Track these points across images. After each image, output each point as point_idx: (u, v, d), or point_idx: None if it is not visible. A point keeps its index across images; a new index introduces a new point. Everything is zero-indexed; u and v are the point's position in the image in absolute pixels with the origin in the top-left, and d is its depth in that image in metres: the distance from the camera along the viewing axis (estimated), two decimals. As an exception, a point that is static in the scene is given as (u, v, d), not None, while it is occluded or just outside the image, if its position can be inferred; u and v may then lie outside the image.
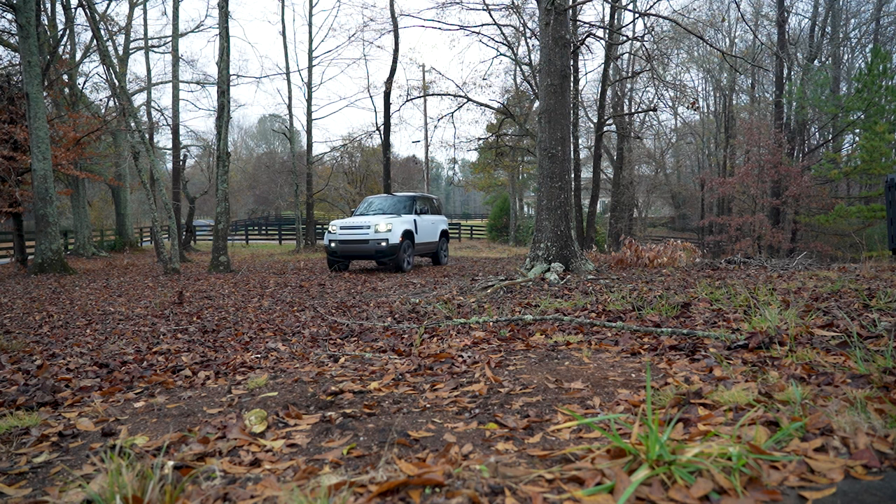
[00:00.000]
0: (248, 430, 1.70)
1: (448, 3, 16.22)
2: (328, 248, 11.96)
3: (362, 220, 11.98)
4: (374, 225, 11.53)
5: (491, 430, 1.59)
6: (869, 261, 7.07)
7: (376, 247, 11.43)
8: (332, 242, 11.82)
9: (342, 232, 11.76)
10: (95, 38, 13.17)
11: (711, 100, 32.91)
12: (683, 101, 20.77)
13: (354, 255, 11.84)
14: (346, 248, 11.72)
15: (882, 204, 18.18)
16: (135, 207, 31.16)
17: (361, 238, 11.54)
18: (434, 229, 13.62)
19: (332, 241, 11.84)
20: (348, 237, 11.67)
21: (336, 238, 11.79)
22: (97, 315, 6.37)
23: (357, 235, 11.63)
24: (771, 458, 1.18)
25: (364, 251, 11.60)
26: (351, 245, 11.68)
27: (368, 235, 11.49)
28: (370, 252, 11.53)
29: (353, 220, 12.13)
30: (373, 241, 11.43)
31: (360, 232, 11.62)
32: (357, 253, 11.72)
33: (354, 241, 11.63)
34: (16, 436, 1.82)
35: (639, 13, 12.97)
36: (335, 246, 11.79)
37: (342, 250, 11.77)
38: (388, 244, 11.37)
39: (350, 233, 11.73)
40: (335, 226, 12.03)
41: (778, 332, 2.38)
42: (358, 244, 11.61)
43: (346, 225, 11.88)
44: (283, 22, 26.55)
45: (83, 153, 18.85)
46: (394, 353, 2.90)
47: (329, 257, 12.17)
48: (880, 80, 19.50)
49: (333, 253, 11.90)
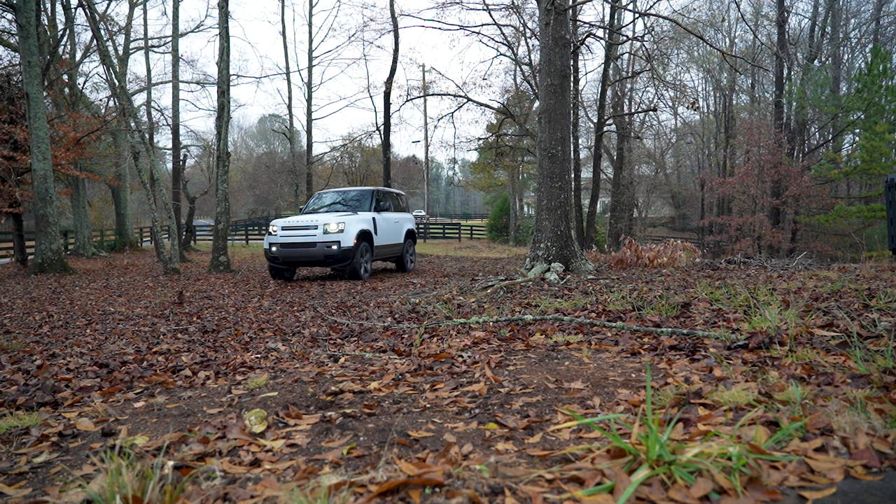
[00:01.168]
0: (248, 430, 1.70)
1: (448, 3, 16.23)
2: (268, 252, 10.01)
3: (309, 218, 10.02)
4: (322, 224, 9.62)
5: (491, 430, 1.59)
6: (869, 261, 7.07)
7: (325, 251, 9.56)
8: (273, 246, 9.86)
9: (284, 234, 9.83)
10: (95, 38, 13.17)
11: (711, 100, 32.93)
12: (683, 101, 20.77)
13: (300, 261, 9.92)
14: (289, 252, 9.78)
15: (882, 204, 18.18)
16: (135, 207, 31.16)
17: (307, 241, 9.65)
18: (398, 229, 11.71)
19: (273, 244, 9.87)
20: (292, 240, 9.74)
21: (277, 241, 9.83)
22: (97, 315, 6.37)
23: (302, 237, 9.70)
24: (771, 458, 1.18)
25: (311, 256, 9.70)
26: (295, 249, 9.74)
27: (316, 237, 9.60)
28: (318, 257, 9.65)
29: (298, 218, 10.16)
30: (321, 244, 9.54)
31: (305, 233, 9.70)
32: (303, 258, 9.80)
33: (299, 244, 9.70)
34: (16, 436, 1.82)
35: (639, 13, 12.98)
36: (276, 250, 9.84)
37: (285, 255, 9.81)
38: (341, 248, 9.53)
39: (294, 234, 9.77)
40: (276, 226, 10.04)
41: (778, 332, 2.38)
42: (303, 248, 9.68)
43: (289, 225, 9.92)
44: (283, 22, 26.58)
45: (83, 153, 18.86)
46: (394, 353, 2.90)
47: (270, 264, 10.31)
48: (880, 80, 19.51)
49: (274, 259, 9.99)
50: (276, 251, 9.84)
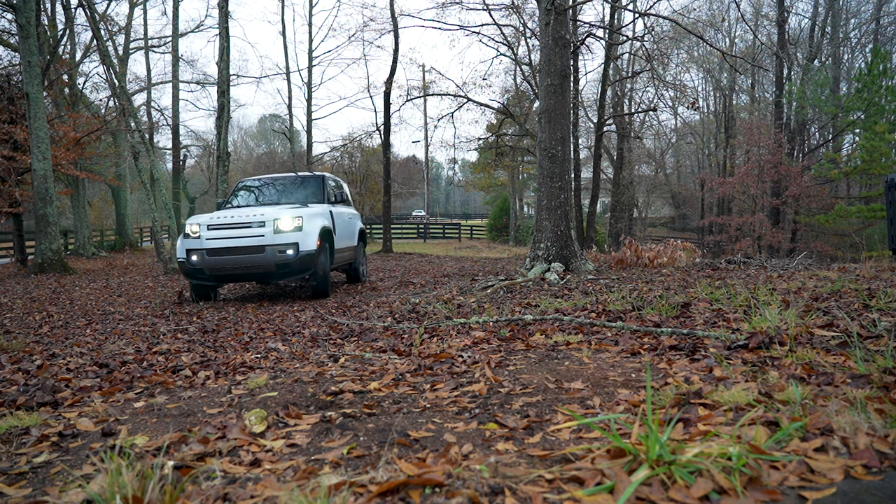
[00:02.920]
0: (248, 430, 1.70)
1: (448, 3, 16.23)
2: (185, 265, 6.96)
3: (248, 212, 7.07)
4: (272, 220, 6.79)
5: (491, 430, 1.59)
6: (869, 261, 7.07)
7: (278, 258, 6.72)
8: (193, 254, 6.86)
9: (213, 236, 6.83)
10: (95, 38, 13.17)
11: (711, 100, 32.93)
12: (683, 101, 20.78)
13: (238, 275, 6.98)
14: (221, 262, 6.80)
15: (882, 204, 18.17)
16: (135, 207, 31.17)
17: (250, 244, 6.76)
18: (352, 229, 8.93)
19: (193, 251, 6.86)
20: (225, 243, 6.79)
21: (201, 246, 6.82)
22: (97, 315, 6.37)
23: (241, 240, 6.79)
24: (771, 458, 1.18)
25: (255, 266, 6.78)
26: (231, 258, 6.78)
27: (264, 239, 6.75)
28: (266, 267, 6.77)
29: (232, 213, 7.13)
30: (272, 248, 6.72)
31: (246, 233, 6.81)
32: (243, 270, 6.86)
33: (237, 249, 6.78)
34: (16, 436, 1.82)
35: (639, 13, 12.98)
36: (199, 260, 6.83)
37: (215, 267, 6.82)
38: (298, 253, 6.74)
39: (228, 236, 6.82)
40: (196, 225, 6.99)
41: (778, 332, 2.38)
42: (244, 255, 6.75)
43: (218, 223, 6.89)
44: (283, 22, 26.62)
45: (83, 153, 18.86)
46: (394, 353, 2.90)
47: (192, 281, 7.21)
48: (880, 80, 19.51)
49: (196, 273, 6.94)
50: (199, 261, 6.81)
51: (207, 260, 6.84)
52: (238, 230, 6.89)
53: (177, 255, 7.18)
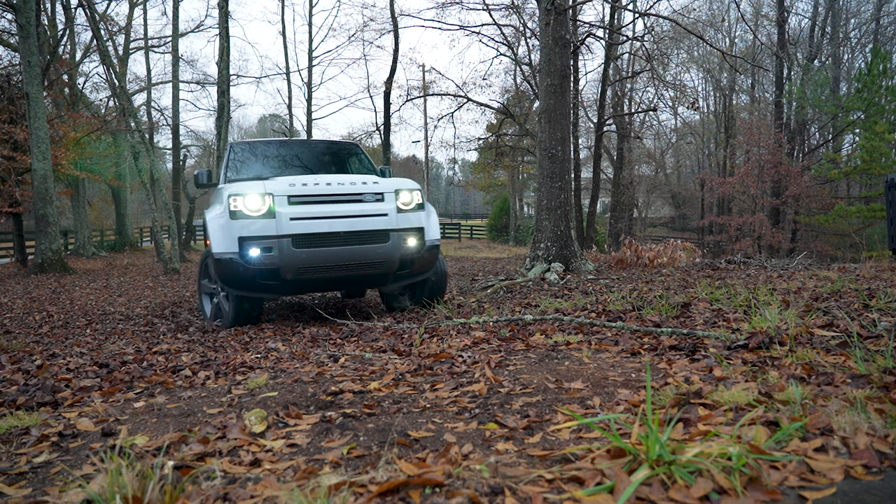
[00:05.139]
0: (248, 430, 1.70)
1: (448, 3, 16.22)
2: (236, 264, 4.35)
3: (342, 179, 4.64)
4: (392, 192, 4.64)
5: (491, 430, 1.59)
6: (869, 261, 7.07)
7: (402, 251, 4.59)
8: (259, 246, 4.31)
9: (299, 212, 4.36)
10: (95, 38, 13.17)
11: (711, 100, 32.92)
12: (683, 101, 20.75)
13: (336, 280, 4.70)
14: (316, 259, 4.39)
15: (882, 204, 18.17)
16: (135, 207, 31.18)
17: (364, 228, 4.47)
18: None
19: (260, 240, 4.31)
20: (323, 226, 4.39)
21: (279, 232, 4.31)
22: (97, 315, 6.37)
23: (348, 221, 4.44)
24: (771, 458, 1.18)
25: (370, 264, 4.53)
26: (335, 250, 4.42)
27: (384, 221, 4.55)
28: (387, 266, 4.60)
29: (314, 179, 4.55)
30: (396, 234, 4.54)
31: (352, 211, 4.48)
32: (349, 271, 4.54)
33: (344, 236, 4.43)
34: (16, 436, 1.82)
35: (639, 13, 12.98)
36: (276, 255, 4.31)
37: (305, 266, 4.39)
38: (426, 244, 4.74)
39: (325, 214, 4.41)
40: (263, 195, 4.34)
41: (778, 332, 2.38)
42: (356, 245, 4.45)
43: (306, 193, 4.41)
44: (283, 22, 26.62)
45: (83, 153, 18.87)
46: (394, 353, 2.90)
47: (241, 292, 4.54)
48: (880, 80, 19.51)
49: (264, 278, 4.40)
50: (271, 257, 4.27)
51: (291, 255, 4.15)
52: (339, 205, 4.34)
53: (214, 248, 4.20)
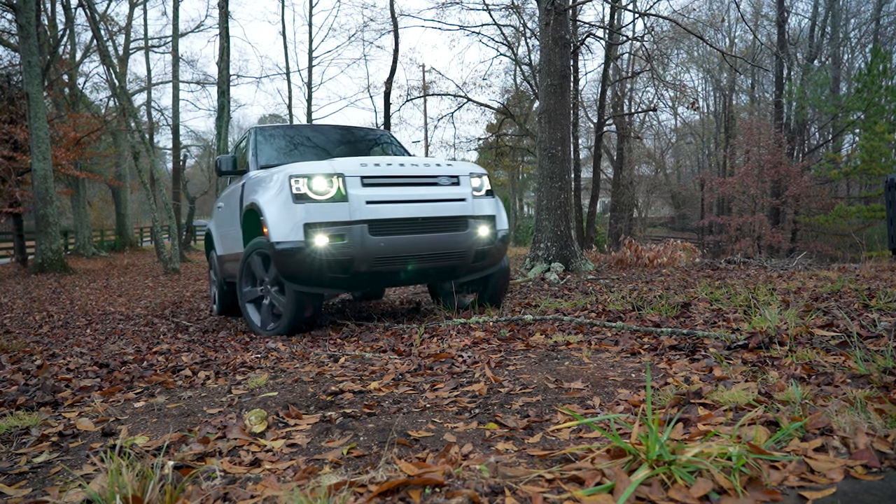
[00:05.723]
0: (248, 430, 1.70)
1: (448, 3, 16.22)
2: (303, 254, 3.66)
3: (413, 160, 4.15)
4: (467, 175, 4.24)
5: (491, 430, 1.59)
6: (869, 261, 7.07)
7: (478, 241, 4.14)
8: (329, 233, 3.67)
9: (376, 196, 3.80)
10: (95, 38, 13.18)
11: (711, 100, 32.92)
12: (683, 101, 20.75)
13: (416, 273, 4.07)
14: (396, 248, 3.81)
15: (882, 204, 18.17)
16: (135, 207, 31.18)
17: (443, 215, 4.01)
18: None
19: (330, 227, 3.68)
20: (402, 211, 3.85)
21: (353, 217, 3.70)
22: (97, 315, 6.37)
23: (425, 206, 3.95)
24: (771, 458, 1.18)
25: (448, 254, 4.02)
26: (415, 238, 3.89)
27: (461, 206, 4.11)
28: (465, 257, 4.10)
29: (387, 160, 4.05)
30: (473, 221, 4.13)
31: (429, 195, 4.00)
32: (428, 263, 3.99)
33: (424, 223, 3.92)
34: (16, 436, 1.82)
35: (639, 13, 12.97)
36: (350, 244, 3.69)
37: (384, 256, 3.79)
38: (498, 234, 4.33)
39: (402, 197, 3.89)
40: (331, 177, 3.75)
41: (778, 332, 2.38)
42: (435, 233, 3.95)
43: (382, 175, 3.88)
44: (283, 22, 26.67)
45: (83, 153, 18.87)
46: (394, 353, 2.90)
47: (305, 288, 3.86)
48: (880, 80, 19.50)
49: (337, 270, 3.75)
50: (345, 247, 3.72)
51: (368, 243, 3.67)
52: (415, 188, 3.92)
53: (273, 236, 3.69)
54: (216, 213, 5.90)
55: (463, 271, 4.28)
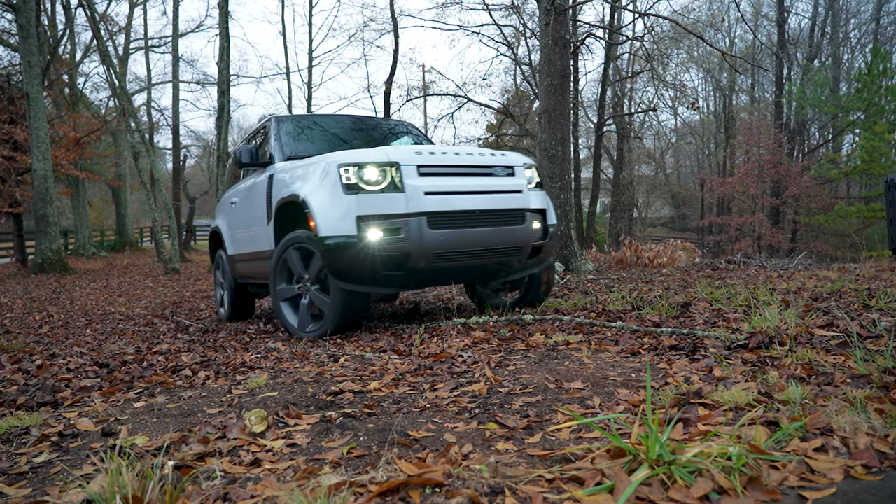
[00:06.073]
0: (248, 430, 1.70)
1: (448, 3, 16.23)
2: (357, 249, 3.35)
3: (467, 150, 3.89)
4: (521, 166, 4.00)
5: (491, 429, 1.59)
6: (869, 261, 7.07)
7: (534, 235, 3.90)
8: (383, 226, 3.37)
9: (433, 186, 3.51)
10: (95, 38, 13.18)
11: (711, 100, 32.92)
12: (683, 101, 20.77)
13: (471, 269, 3.81)
14: (456, 242, 3.54)
15: (882, 204, 18.16)
16: (135, 207, 31.18)
17: (501, 207, 3.75)
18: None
19: (386, 219, 3.39)
20: (461, 203, 3.57)
21: (410, 209, 3.41)
22: (97, 315, 6.37)
23: (484, 198, 3.68)
24: (771, 458, 1.18)
25: (505, 248, 3.77)
26: (475, 231, 3.61)
27: (518, 198, 3.86)
28: (522, 251, 3.87)
29: (442, 148, 3.76)
30: (531, 214, 3.90)
31: (486, 186, 3.74)
32: (486, 259, 3.74)
33: (483, 216, 3.66)
34: (16, 436, 1.82)
35: (639, 13, 12.96)
36: (408, 238, 3.39)
37: (445, 251, 3.50)
38: (549, 229, 4.06)
39: (460, 188, 3.62)
40: (384, 166, 3.47)
41: (778, 332, 2.38)
42: (494, 226, 3.70)
43: (438, 164, 3.61)
44: (283, 22, 26.66)
45: (83, 153, 18.88)
46: (394, 353, 2.90)
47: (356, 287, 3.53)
48: (880, 80, 19.50)
49: (393, 266, 3.43)
50: (401, 241, 3.40)
51: (427, 237, 3.41)
52: (473, 179, 3.72)
53: (322, 230, 3.43)
54: (226, 210, 5.51)
55: (517, 268, 4.06)
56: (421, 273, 3.58)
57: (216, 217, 5.96)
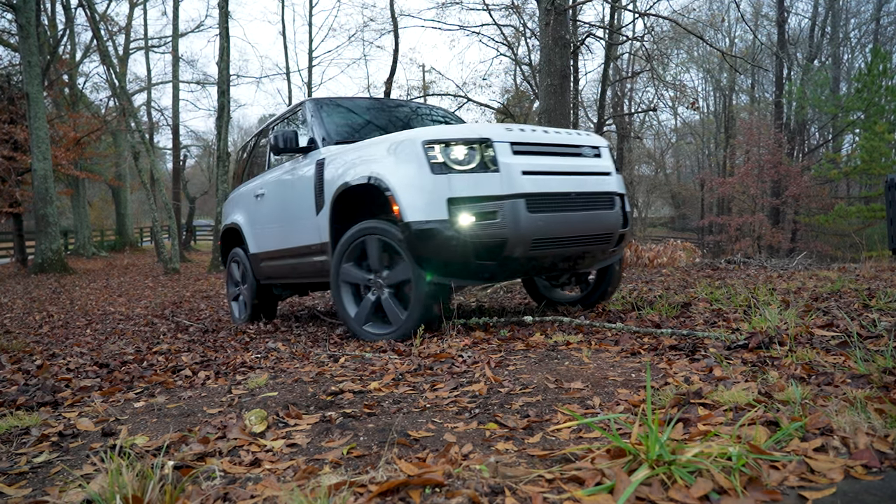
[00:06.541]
0: (248, 430, 1.70)
1: (448, 3, 16.23)
2: (450, 234, 3.03)
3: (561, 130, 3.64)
4: (605, 148, 3.79)
5: (491, 429, 1.59)
6: (869, 261, 7.06)
7: (620, 220, 3.63)
8: (475, 210, 3.05)
9: (528, 164, 3.19)
10: (95, 38, 13.18)
11: (711, 100, 32.91)
12: (683, 101, 20.76)
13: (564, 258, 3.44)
14: (554, 227, 3.21)
15: (882, 204, 18.16)
16: (135, 207, 31.17)
17: (594, 189, 3.49)
18: None
19: (479, 202, 3.07)
20: (558, 184, 3.29)
21: (506, 190, 3.07)
22: (97, 315, 6.37)
23: (577, 180, 3.41)
24: (771, 458, 1.18)
25: (598, 236, 3.50)
26: (572, 216, 3.32)
27: (607, 181, 3.63)
28: (611, 240, 3.60)
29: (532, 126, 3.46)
30: (618, 198, 3.67)
31: (577, 166, 3.48)
32: (580, 247, 3.42)
33: (578, 199, 3.38)
34: (16, 436, 1.82)
35: (639, 13, 12.97)
36: (503, 223, 3.05)
37: (545, 236, 3.17)
38: (626, 214, 3.74)
39: (555, 168, 3.32)
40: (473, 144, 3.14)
41: (778, 332, 2.38)
42: (588, 211, 3.42)
43: (533, 142, 3.31)
44: (283, 22, 26.68)
45: (83, 153, 18.89)
46: (394, 353, 2.90)
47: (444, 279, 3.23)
48: (880, 80, 19.50)
49: (488, 254, 3.12)
50: (498, 225, 3.06)
51: (525, 222, 3.10)
52: (565, 159, 3.49)
53: (408, 214, 3.14)
54: (247, 204, 5.12)
55: (600, 258, 3.73)
56: (515, 262, 3.25)
57: (229, 214, 5.60)
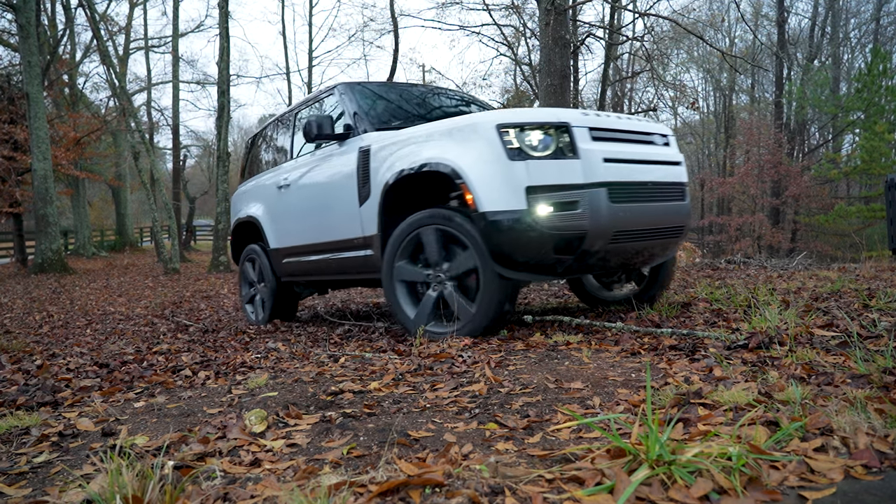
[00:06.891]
0: (248, 430, 1.70)
1: (448, 3, 16.23)
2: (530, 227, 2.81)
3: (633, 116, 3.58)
4: (672, 136, 3.56)
5: (491, 429, 1.59)
6: (869, 261, 7.06)
7: (688, 215, 3.49)
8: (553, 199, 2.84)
9: (607, 152, 3.00)
10: (95, 38, 13.18)
11: (711, 100, 32.90)
12: (683, 101, 20.77)
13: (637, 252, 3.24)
14: (635, 220, 3.06)
15: (882, 204, 18.16)
16: (135, 207, 31.17)
17: (669, 179, 3.34)
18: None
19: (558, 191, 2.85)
20: (638, 173, 3.12)
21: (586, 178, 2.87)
22: (97, 315, 6.37)
23: (653, 169, 3.26)
24: (771, 458, 1.18)
25: (671, 227, 3.33)
26: (650, 207, 3.17)
27: (677, 171, 3.44)
28: (681, 232, 3.46)
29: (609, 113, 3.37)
30: (687, 190, 3.55)
31: (651, 155, 3.28)
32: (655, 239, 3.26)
33: (655, 188, 3.22)
34: (16, 436, 1.82)
35: (639, 13, 12.97)
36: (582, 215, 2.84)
37: (626, 229, 3.01)
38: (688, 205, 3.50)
39: (633, 156, 3.13)
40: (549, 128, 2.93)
41: (778, 332, 2.38)
42: (664, 202, 3.27)
43: (610, 128, 3.11)
44: (283, 22, 26.71)
45: (83, 153, 18.89)
46: (394, 353, 2.90)
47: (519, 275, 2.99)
48: (880, 80, 19.49)
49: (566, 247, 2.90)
50: (577, 217, 2.86)
51: (606, 212, 2.93)
52: (640, 147, 3.31)
53: (483, 204, 2.92)
54: (268, 197, 4.84)
55: (671, 252, 3.55)
56: (592, 257, 3.03)
57: (243, 207, 5.27)
